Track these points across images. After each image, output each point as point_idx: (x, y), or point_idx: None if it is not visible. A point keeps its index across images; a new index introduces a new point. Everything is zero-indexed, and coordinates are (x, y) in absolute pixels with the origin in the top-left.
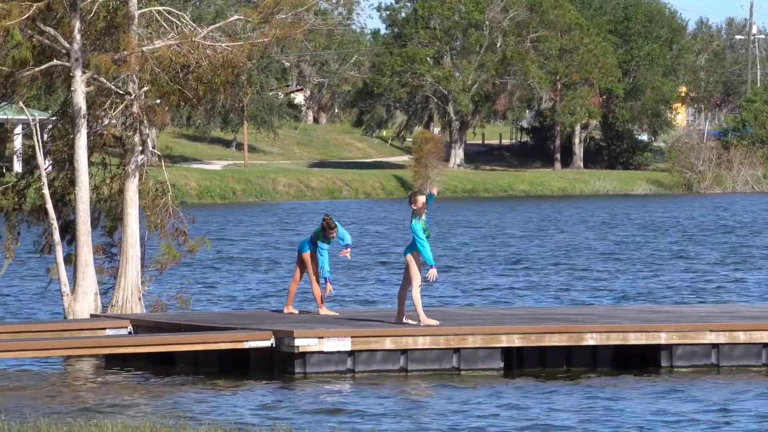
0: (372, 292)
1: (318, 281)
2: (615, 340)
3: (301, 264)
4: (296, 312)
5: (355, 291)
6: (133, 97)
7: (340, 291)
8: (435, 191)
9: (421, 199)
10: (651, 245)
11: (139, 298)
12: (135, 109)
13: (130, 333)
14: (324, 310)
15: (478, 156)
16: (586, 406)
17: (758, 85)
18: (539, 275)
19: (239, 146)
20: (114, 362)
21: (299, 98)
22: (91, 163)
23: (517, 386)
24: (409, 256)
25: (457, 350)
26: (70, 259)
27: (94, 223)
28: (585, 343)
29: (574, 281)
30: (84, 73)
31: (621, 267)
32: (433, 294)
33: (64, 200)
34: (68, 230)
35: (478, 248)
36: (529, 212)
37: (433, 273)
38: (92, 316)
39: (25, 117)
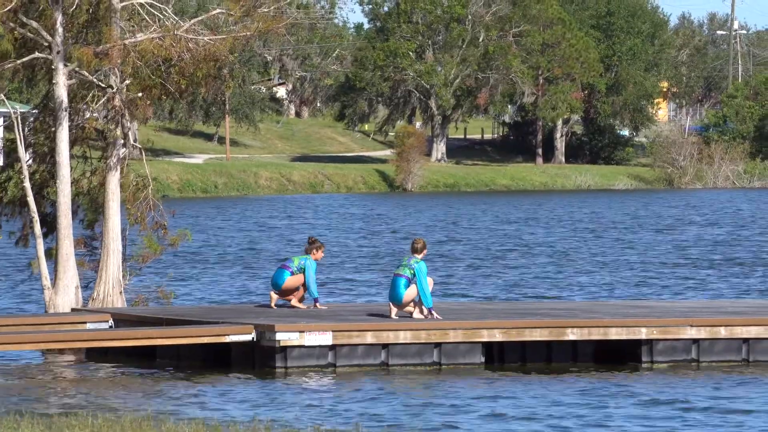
0: (354, 287)
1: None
2: (596, 335)
3: (282, 295)
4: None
5: (337, 285)
6: (114, 90)
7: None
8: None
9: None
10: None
11: (121, 292)
12: (117, 102)
13: (111, 327)
14: (294, 302)
15: (459, 150)
16: (566, 402)
17: (739, 80)
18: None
19: (221, 140)
20: (95, 356)
21: (281, 92)
22: (72, 156)
23: (498, 381)
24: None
25: (438, 345)
26: (51, 253)
27: (72, 216)
28: (566, 337)
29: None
30: (66, 66)
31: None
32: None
33: (42, 193)
34: (44, 223)
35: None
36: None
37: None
38: (73, 309)
39: (6, 110)
